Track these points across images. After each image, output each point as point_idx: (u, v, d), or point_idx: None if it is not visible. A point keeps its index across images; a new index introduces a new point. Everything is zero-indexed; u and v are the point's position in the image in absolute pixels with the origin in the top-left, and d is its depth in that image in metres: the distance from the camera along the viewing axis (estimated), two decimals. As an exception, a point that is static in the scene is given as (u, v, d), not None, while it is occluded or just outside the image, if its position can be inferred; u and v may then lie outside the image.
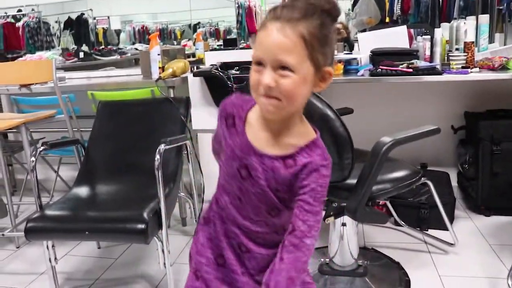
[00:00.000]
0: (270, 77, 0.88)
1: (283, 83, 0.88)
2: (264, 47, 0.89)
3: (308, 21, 0.87)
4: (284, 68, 0.87)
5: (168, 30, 6.28)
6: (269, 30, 0.88)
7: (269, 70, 0.88)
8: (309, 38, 0.87)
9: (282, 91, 0.88)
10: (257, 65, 0.90)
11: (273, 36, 0.87)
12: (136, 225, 1.74)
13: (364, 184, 1.65)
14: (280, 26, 0.87)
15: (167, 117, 2.34)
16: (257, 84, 0.90)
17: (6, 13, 5.51)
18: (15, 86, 2.83)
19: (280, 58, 0.87)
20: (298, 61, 0.87)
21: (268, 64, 0.88)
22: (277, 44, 0.87)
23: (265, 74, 0.88)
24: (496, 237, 2.40)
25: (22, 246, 2.61)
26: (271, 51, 0.87)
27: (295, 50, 0.87)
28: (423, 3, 4.83)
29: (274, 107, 0.90)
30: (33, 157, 1.99)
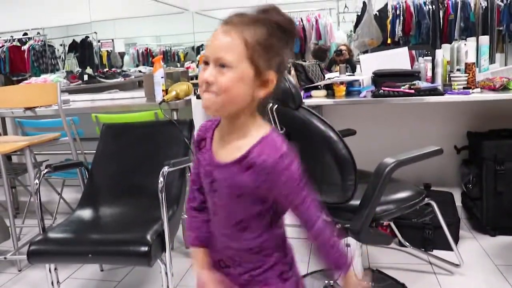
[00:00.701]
0: (209, 73, 0.94)
1: (219, 79, 0.93)
2: (209, 47, 0.96)
3: (256, 28, 0.94)
4: (223, 65, 0.93)
5: (172, 52, 6.35)
6: (216, 32, 0.96)
7: (211, 67, 0.94)
8: (251, 42, 0.93)
9: (218, 86, 0.93)
10: (205, 64, 0.97)
11: (218, 37, 0.94)
12: (139, 248, 1.73)
13: (367, 205, 1.65)
14: (226, 29, 0.94)
15: (170, 139, 2.35)
16: (202, 81, 0.96)
17: (12, 36, 5.59)
18: (20, 109, 2.86)
19: (220, 56, 0.93)
20: (235, 59, 0.93)
21: (211, 62, 0.95)
22: (219, 43, 0.94)
23: (207, 71, 0.95)
24: (502, 257, 2.37)
25: (24, 269, 2.59)
26: (214, 49, 0.94)
27: (234, 49, 0.93)
28: (424, 24, 4.88)
29: (211, 102, 0.95)
30: (37, 180, 2.00)
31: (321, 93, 2.67)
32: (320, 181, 1.82)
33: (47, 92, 2.65)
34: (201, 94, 0.97)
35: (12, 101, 2.75)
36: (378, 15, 5.07)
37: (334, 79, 2.74)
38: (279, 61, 0.97)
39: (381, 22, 5.00)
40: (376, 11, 5.09)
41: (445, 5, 4.92)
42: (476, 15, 4.83)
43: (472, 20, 4.79)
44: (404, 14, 4.96)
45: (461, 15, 4.82)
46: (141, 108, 2.76)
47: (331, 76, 2.96)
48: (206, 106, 0.97)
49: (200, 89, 0.98)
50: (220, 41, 0.94)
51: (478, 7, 4.83)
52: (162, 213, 1.85)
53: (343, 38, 5.40)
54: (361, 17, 5.07)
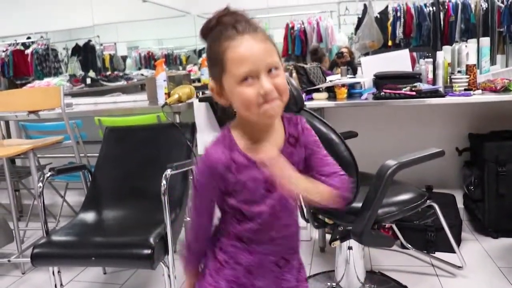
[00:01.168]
0: (269, 83, 0.93)
1: (277, 82, 0.95)
2: (251, 59, 0.93)
3: (259, 27, 0.98)
4: (270, 70, 0.94)
5: (174, 55, 6.38)
6: (245, 44, 0.94)
7: (265, 76, 0.94)
8: (270, 40, 0.98)
9: (279, 89, 0.95)
10: (245, 80, 0.94)
11: (254, 46, 0.94)
12: (142, 251, 1.74)
13: (369, 207, 1.65)
14: (251, 37, 0.94)
15: (173, 142, 2.36)
16: (256, 96, 0.93)
17: (15, 40, 5.62)
18: (23, 112, 2.88)
19: (270, 61, 0.94)
20: (278, 57, 0.97)
21: (262, 72, 0.93)
22: (262, 50, 0.94)
23: (263, 81, 0.93)
24: (504, 259, 2.38)
25: (27, 272, 2.61)
26: (260, 58, 0.93)
27: (273, 50, 0.97)
28: (424, 26, 4.89)
29: (279, 107, 0.97)
30: (40, 183, 2.02)
31: (323, 96, 2.68)
32: (322, 183, 1.83)
33: (50, 96, 2.67)
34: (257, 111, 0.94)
35: (15, 104, 2.77)
36: (379, 17, 5.09)
37: (336, 81, 2.75)
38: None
39: (382, 24, 5.02)
40: (377, 13, 5.11)
41: (445, 7, 4.93)
42: (477, 17, 4.84)
43: (472, 22, 4.80)
44: (404, 16, 4.97)
45: (462, 17, 4.84)
46: (143, 111, 2.78)
47: (333, 78, 2.97)
48: (275, 114, 0.98)
49: (253, 107, 0.94)
50: (260, 48, 0.94)
51: (479, 9, 4.84)
52: (165, 216, 1.86)
53: (344, 40, 5.42)
54: (362, 20, 5.10)
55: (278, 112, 0.98)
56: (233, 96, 0.98)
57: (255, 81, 0.93)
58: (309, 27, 5.67)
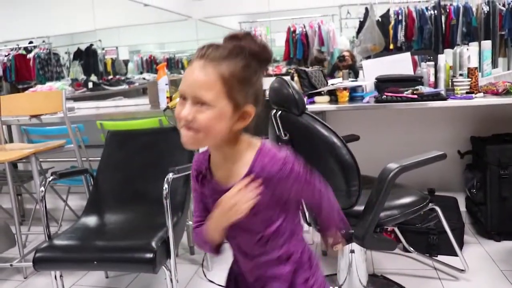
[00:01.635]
0: (187, 111, 0.93)
1: (199, 117, 0.93)
2: (186, 83, 0.95)
3: (231, 61, 0.93)
4: (202, 104, 0.93)
5: (175, 59, 6.40)
6: (192, 67, 0.94)
7: (189, 104, 0.94)
8: (229, 77, 0.92)
9: (198, 124, 0.93)
10: (182, 98, 0.96)
11: (195, 73, 0.93)
12: (144, 254, 1.74)
13: (371, 210, 1.65)
14: (202, 64, 0.93)
15: (175, 146, 2.36)
16: (178, 114, 0.96)
17: (18, 45, 5.64)
18: (25, 116, 2.88)
19: (198, 95, 0.92)
20: (214, 98, 0.92)
21: (189, 99, 0.94)
22: (196, 81, 0.93)
23: (185, 108, 0.94)
24: (507, 262, 2.37)
25: (30, 277, 2.60)
26: (192, 86, 0.93)
27: (213, 88, 0.92)
28: (426, 29, 4.90)
29: (190, 138, 0.96)
30: (42, 187, 2.02)
31: (324, 99, 2.68)
32: (324, 186, 1.83)
33: (52, 100, 2.68)
34: (180, 129, 0.97)
35: (18, 108, 2.78)
36: (380, 21, 5.10)
37: (337, 84, 2.75)
38: (256, 93, 0.98)
39: (383, 27, 5.02)
40: (379, 17, 5.12)
41: (447, 10, 4.93)
42: (478, 20, 4.84)
43: (474, 25, 4.80)
44: (406, 20, 4.98)
45: (463, 20, 4.84)
46: (145, 115, 2.78)
47: (334, 82, 2.98)
48: (185, 142, 0.97)
49: (178, 124, 0.97)
50: (197, 78, 0.93)
51: (480, 12, 4.85)
52: (167, 219, 1.86)
53: (345, 44, 5.43)
54: (363, 23, 5.10)
55: (189, 143, 0.95)
56: None
57: (185, 102, 0.95)
58: (310, 31, 5.68)
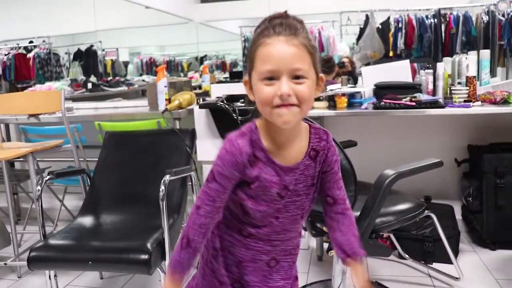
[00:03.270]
0: (288, 86, 0.94)
1: (300, 89, 0.94)
2: (276, 59, 0.94)
3: (302, 33, 0.97)
4: (298, 77, 0.94)
5: (175, 62, 6.41)
6: (276, 44, 0.95)
7: (286, 79, 0.94)
8: (309, 47, 0.97)
9: (299, 97, 0.94)
10: (268, 79, 0.95)
11: (285, 48, 0.94)
12: (140, 256, 1.74)
13: (367, 216, 1.65)
14: (286, 39, 0.95)
15: (172, 148, 2.36)
16: (272, 96, 0.94)
17: (18, 44, 5.64)
18: (24, 115, 2.88)
19: (296, 66, 0.94)
20: (308, 67, 0.96)
21: (284, 74, 0.94)
22: (291, 54, 0.94)
23: (283, 83, 0.93)
24: (502, 271, 2.37)
25: (24, 276, 2.60)
26: (287, 61, 0.94)
27: (304, 57, 0.96)
28: (426, 38, 4.92)
29: (294, 114, 0.95)
30: (39, 186, 2.02)
31: (323, 104, 2.68)
32: (320, 191, 1.83)
33: (51, 99, 2.68)
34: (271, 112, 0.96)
35: (16, 107, 2.78)
36: (380, 28, 5.12)
37: (336, 90, 2.76)
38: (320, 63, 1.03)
39: (383, 35, 5.04)
40: (379, 24, 5.14)
41: (447, 19, 4.96)
42: (478, 29, 4.87)
43: (473, 34, 4.83)
44: (406, 27, 5.00)
45: (463, 29, 4.86)
46: (144, 117, 2.78)
47: (333, 87, 2.98)
48: (289, 120, 0.96)
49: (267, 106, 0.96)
50: (289, 51, 0.94)
51: (480, 22, 4.87)
52: (162, 221, 1.86)
53: (345, 50, 5.44)
54: (363, 30, 5.12)
55: (292, 119, 0.96)
56: (255, 93, 0.99)
57: (275, 82, 0.94)
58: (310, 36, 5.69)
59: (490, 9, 4.81)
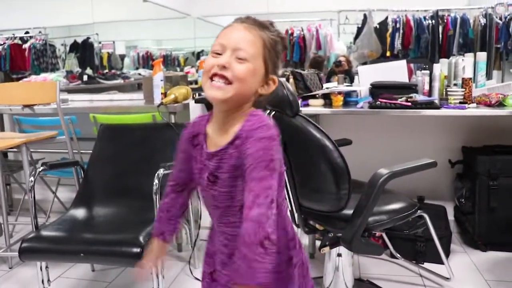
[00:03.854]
0: (226, 59, 0.99)
1: (237, 67, 0.99)
2: (228, 37, 1.01)
3: (269, 33, 1.04)
4: (241, 58, 0.99)
5: (172, 56, 6.38)
6: (236, 26, 1.03)
7: (228, 54, 1.00)
8: (268, 44, 1.03)
9: (234, 73, 0.98)
10: (215, 53, 1.01)
11: (240, 31, 1.01)
12: (132, 249, 1.74)
13: (360, 215, 1.66)
14: (247, 27, 1.02)
15: (167, 142, 2.36)
16: (211, 66, 1.00)
17: (13, 34, 5.61)
18: (18, 106, 2.87)
19: (241, 46, 0.99)
20: (254, 54, 1.00)
21: (228, 50, 0.99)
22: (242, 36, 1.01)
23: (224, 56, 0.99)
24: (492, 272, 2.39)
25: (15, 267, 2.59)
26: (235, 40, 1.00)
27: (255, 46, 1.01)
28: (423, 38, 4.93)
29: (222, 89, 0.99)
30: (32, 177, 2.01)
31: (319, 102, 2.69)
32: (314, 189, 1.84)
33: (46, 91, 2.66)
34: (206, 82, 1.01)
35: (11, 98, 2.76)
36: (378, 28, 5.12)
37: (332, 88, 2.76)
38: (278, 68, 1.06)
39: (381, 34, 5.05)
40: (377, 24, 5.15)
41: (444, 20, 4.97)
42: (475, 32, 4.88)
43: (470, 37, 4.84)
44: (404, 28, 5.01)
45: (460, 31, 4.88)
46: (139, 110, 2.77)
47: (329, 85, 2.98)
48: (215, 94, 0.99)
49: (205, 76, 1.01)
50: (242, 34, 1.01)
51: (477, 24, 4.89)
52: (155, 215, 1.85)
53: (342, 49, 5.44)
54: (361, 29, 5.13)
55: (217, 94, 0.99)
56: None
57: (220, 55, 1.00)
58: (308, 34, 5.69)
59: (488, 12, 4.83)
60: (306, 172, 1.83)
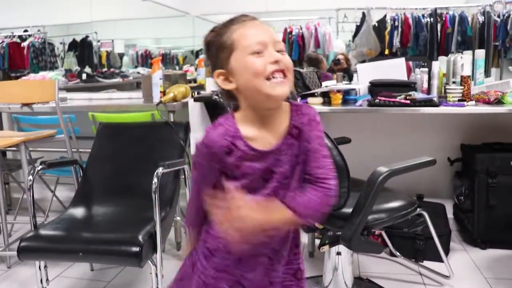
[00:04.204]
0: (276, 54, 1.01)
1: (285, 58, 1.02)
2: (262, 34, 1.02)
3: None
4: (281, 51, 1.02)
5: (171, 55, 6.37)
6: (256, 23, 1.04)
7: (271, 49, 1.01)
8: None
9: (286, 63, 1.01)
10: (255, 53, 1.00)
11: (263, 26, 1.03)
12: (131, 248, 1.73)
13: (359, 213, 1.65)
14: (260, 22, 1.05)
15: (166, 141, 2.35)
16: (264, 65, 0.99)
17: (12, 32, 5.60)
18: (17, 104, 2.86)
19: (278, 40, 1.03)
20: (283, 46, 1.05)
21: (270, 45, 1.01)
22: (269, 30, 1.03)
23: (271, 52, 1.00)
24: (491, 270, 2.39)
25: (13, 266, 2.58)
26: (269, 35, 1.02)
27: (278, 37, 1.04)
28: (421, 36, 4.93)
29: (285, 82, 1.00)
30: (31, 176, 2.00)
31: (318, 101, 2.68)
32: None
33: (45, 89, 2.65)
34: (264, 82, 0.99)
35: (9, 96, 2.75)
36: (376, 26, 5.13)
37: (331, 87, 2.76)
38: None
39: (379, 32, 5.05)
40: (375, 22, 5.15)
41: (443, 18, 4.97)
42: (473, 30, 4.89)
43: (469, 34, 4.84)
44: (402, 26, 5.01)
45: (459, 29, 4.88)
46: (138, 109, 2.77)
47: (328, 84, 2.98)
48: (285, 90, 1.01)
49: (260, 77, 0.99)
50: (267, 29, 1.03)
51: (476, 22, 4.89)
52: (154, 214, 1.85)
53: (341, 47, 5.44)
54: (360, 27, 5.13)
55: (286, 90, 1.01)
56: (242, 72, 1.01)
57: (264, 53, 1.00)
58: (307, 33, 5.68)
59: (486, 9, 4.83)
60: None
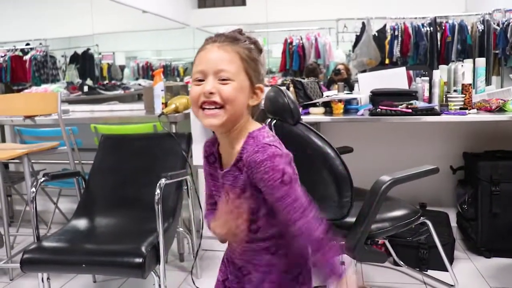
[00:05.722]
0: (211, 84, 0.99)
1: (223, 88, 0.99)
2: (206, 61, 1.01)
3: (241, 44, 1.03)
4: (224, 79, 0.99)
5: (172, 67, 6.41)
6: (209, 49, 1.02)
7: (211, 79, 1.00)
8: (244, 55, 1.02)
9: (223, 96, 0.99)
10: (197, 80, 1.01)
11: (215, 52, 1.01)
12: (134, 259, 1.73)
13: (363, 222, 1.65)
14: (220, 45, 1.02)
15: (168, 152, 2.36)
16: (198, 95, 1.00)
17: (14, 46, 5.63)
18: (19, 117, 2.87)
19: (220, 68, 0.99)
20: (236, 71, 1.00)
21: (210, 75, 1.00)
22: (219, 57, 1.00)
23: (207, 82, 0.99)
24: (497, 279, 2.37)
25: (16, 279, 2.57)
26: (214, 62, 1.00)
27: (234, 62, 1.01)
28: (422, 45, 4.95)
29: (217, 116, 0.99)
30: (34, 188, 2.00)
31: (319, 110, 2.69)
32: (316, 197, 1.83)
33: (47, 101, 2.66)
34: (198, 111, 1.01)
35: (12, 109, 2.76)
36: (376, 36, 5.15)
37: (333, 96, 2.77)
38: (262, 75, 1.07)
39: (379, 42, 5.07)
40: (375, 32, 5.17)
41: (442, 27, 5.00)
42: (473, 38, 4.91)
43: (469, 43, 4.86)
44: (402, 35, 5.03)
45: (459, 38, 4.90)
46: (140, 120, 2.78)
47: (330, 93, 2.99)
48: (212, 122, 1.00)
49: (195, 106, 1.01)
50: (218, 55, 1.00)
51: (475, 30, 4.91)
52: (157, 225, 1.85)
53: (341, 57, 5.48)
54: (360, 37, 5.16)
55: (215, 121, 1.00)
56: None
57: (204, 81, 1.00)
58: (307, 43, 5.72)
59: (485, 18, 4.85)
60: (308, 180, 1.82)
